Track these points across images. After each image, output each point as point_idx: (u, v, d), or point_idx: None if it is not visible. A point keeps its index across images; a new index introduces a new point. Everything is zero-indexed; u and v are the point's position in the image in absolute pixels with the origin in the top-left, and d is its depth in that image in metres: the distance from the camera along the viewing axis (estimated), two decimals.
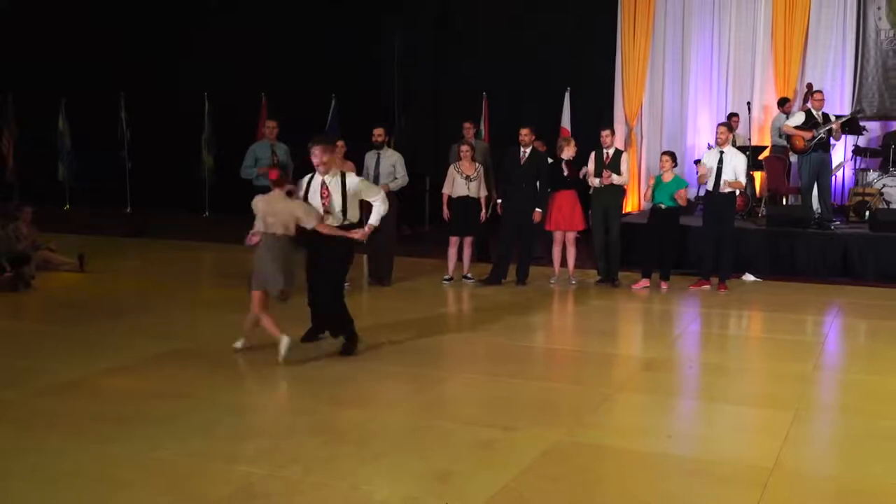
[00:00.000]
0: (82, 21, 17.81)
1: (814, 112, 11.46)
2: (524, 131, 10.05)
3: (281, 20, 16.24)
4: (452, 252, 10.21)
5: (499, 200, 10.29)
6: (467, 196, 10.06)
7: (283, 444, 4.98)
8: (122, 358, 6.81)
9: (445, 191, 10.19)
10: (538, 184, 10.05)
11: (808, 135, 11.32)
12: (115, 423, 5.29)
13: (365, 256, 9.98)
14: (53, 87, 17.76)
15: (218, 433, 5.14)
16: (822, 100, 11.62)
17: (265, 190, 9.88)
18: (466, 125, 11.50)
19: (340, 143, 9.75)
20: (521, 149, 10.07)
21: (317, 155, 6.81)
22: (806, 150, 11.37)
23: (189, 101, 16.92)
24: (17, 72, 18.04)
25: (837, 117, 11.62)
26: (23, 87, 18.00)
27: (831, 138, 11.51)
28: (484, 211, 10.18)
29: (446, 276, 10.24)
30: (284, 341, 6.62)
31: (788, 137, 11.71)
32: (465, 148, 10.12)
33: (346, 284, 9.63)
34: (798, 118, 11.58)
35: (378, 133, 9.80)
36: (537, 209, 9.98)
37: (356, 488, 4.38)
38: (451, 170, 10.16)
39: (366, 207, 7.14)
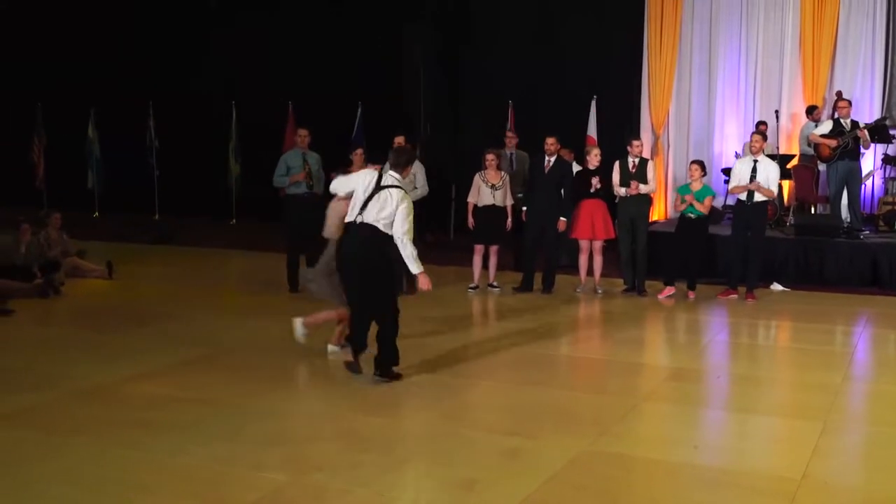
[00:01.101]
0: (113, 30, 17.97)
1: (841, 120, 11.36)
2: (550, 140, 10.06)
3: (307, 28, 16.29)
4: (477, 260, 10.20)
5: (524, 208, 10.28)
6: (493, 205, 10.05)
7: (307, 450, 4.99)
8: (148, 364, 6.85)
9: (471, 199, 10.19)
10: (563, 192, 10.03)
11: (833, 143, 11.22)
12: (139, 428, 5.32)
13: None
14: (83, 96, 17.92)
15: (243, 439, 5.16)
16: (848, 107, 11.50)
17: (297, 199, 9.97)
18: (508, 134, 11.49)
19: (359, 150, 9.78)
20: (546, 157, 10.08)
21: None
22: (832, 158, 11.27)
23: (217, 109, 17.02)
24: (46, 80, 18.23)
25: (866, 125, 11.52)
26: (52, 96, 18.18)
27: (860, 147, 11.40)
28: (510, 219, 10.17)
29: (472, 285, 10.22)
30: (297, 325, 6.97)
31: (816, 146, 11.62)
32: (490, 157, 10.12)
33: None
34: (825, 127, 11.49)
35: (398, 142, 9.80)
36: (562, 218, 9.97)
37: (380, 495, 4.38)
38: (477, 178, 10.16)
39: None
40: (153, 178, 17.87)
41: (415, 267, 6.40)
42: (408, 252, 6.35)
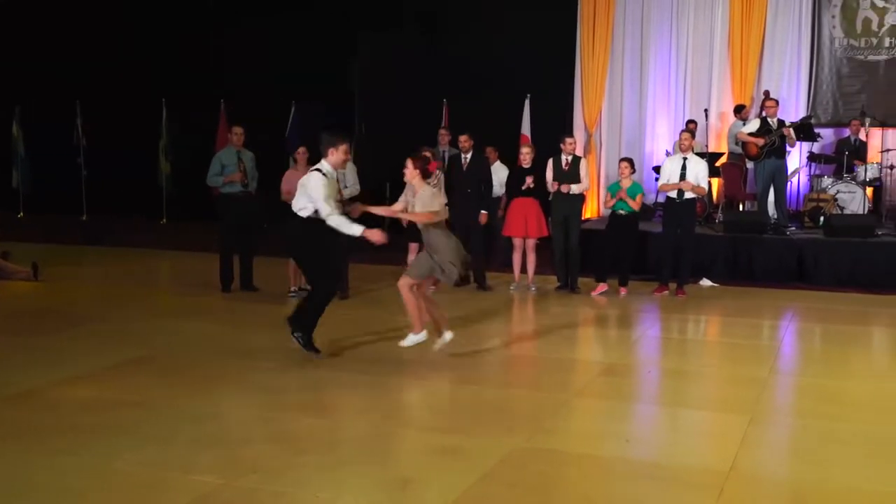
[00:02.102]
0: (38, 27, 17.60)
1: (768, 119, 11.61)
2: (463, 138, 10.32)
3: (238, 26, 16.13)
4: (412, 258, 10.21)
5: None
6: None
7: (242, 452, 4.94)
8: (79, 367, 6.73)
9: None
10: (482, 188, 10.15)
11: (761, 141, 11.47)
12: (70, 433, 5.23)
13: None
14: (7, 93, 17.51)
15: (176, 442, 5.09)
16: (775, 107, 11.77)
17: (232, 198, 9.85)
18: (442, 132, 11.52)
19: (302, 149, 9.74)
20: (462, 154, 10.20)
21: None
22: (759, 156, 11.52)
23: (146, 107, 16.76)
24: None
25: (791, 124, 11.79)
26: None
27: (787, 145, 11.67)
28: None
29: None
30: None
31: (744, 144, 11.86)
32: (425, 155, 10.11)
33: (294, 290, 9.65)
34: (753, 125, 11.75)
35: None
36: (483, 211, 10.06)
37: (316, 496, 4.36)
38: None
39: None
40: (81, 178, 17.54)
41: (354, 230, 6.71)
42: (335, 223, 6.70)
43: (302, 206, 6.83)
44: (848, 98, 13.61)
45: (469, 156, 10.27)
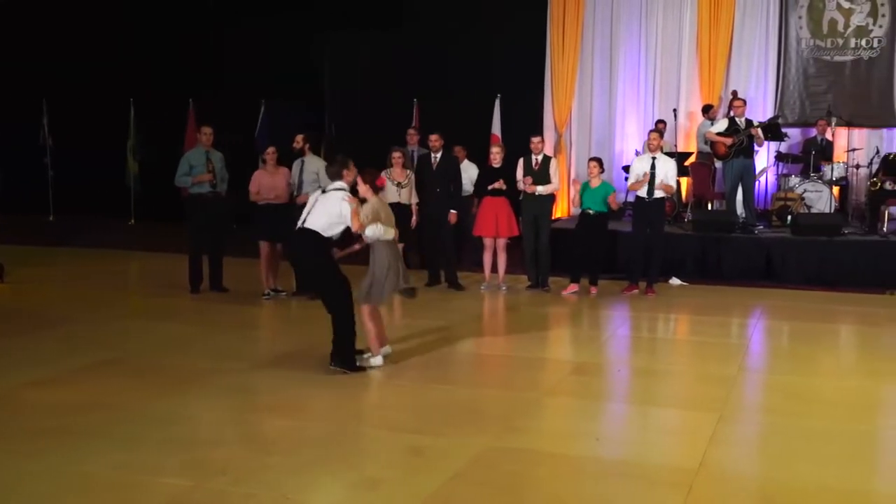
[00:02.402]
0: (4, 25, 17.39)
1: (736, 119, 11.70)
2: (433, 137, 10.35)
3: (207, 25, 16.04)
4: None
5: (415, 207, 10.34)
6: (398, 203, 10.06)
7: (211, 454, 4.91)
8: (46, 370, 6.65)
9: None
10: (452, 187, 10.18)
11: (729, 141, 11.55)
12: (36, 437, 5.17)
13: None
14: None
15: (144, 445, 5.05)
16: (743, 106, 11.86)
17: (201, 199, 9.77)
18: (410, 132, 11.50)
19: (271, 149, 9.70)
20: (433, 154, 10.22)
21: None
22: (728, 156, 11.61)
23: (114, 106, 16.62)
24: None
25: (759, 124, 11.89)
26: None
27: (754, 144, 11.77)
28: (415, 217, 10.20)
29: None
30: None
31: (712, 144, 11.94)
32: (397, 154, 10.13)
33: (282, 293, 9.62)
34: (721, 125, 11.83)
35: (297, 140, 9.73)
36: (452, 210, 10.07)
37: (286, 497, 4.34)
38: (383, 176, 10.13)
39: None
40: (47, 178, 17.37)
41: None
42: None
43: (324, 226, 6.63)
44: (815, 98, 13.74)
45: (439, 155, 10.29)
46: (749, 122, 11.68)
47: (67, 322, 8.44)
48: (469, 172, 10.80)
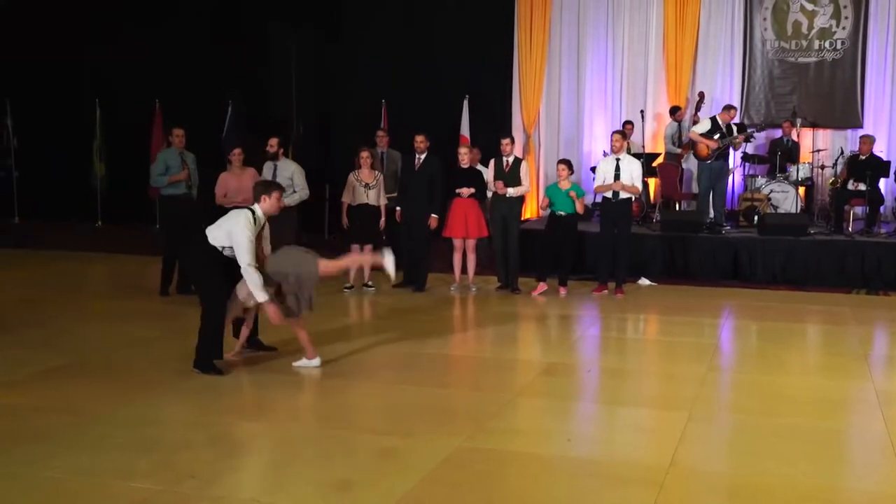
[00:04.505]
0: None
1: (719, 121, 11.79)
2: (419, 138, 10.20)
3: (174, 26, 15.89)
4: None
5: (398, 208, 10.31)
6: (366, 204, 10.03)
7: (180, 457, 4.85)
8: (8, 374, 6.55)
9: (345, 199, 10.15)
10: (433, 190, 10.11)
11: (713, 144, 11.63)
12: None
13: None
14: None
15: (110, 448, 4.99)
16: (733, 115, 12.02)
17: (174, 200, 9.68)
18: (380, 133, 11.46)
19: (237, 150, 9.61)
20: (416, 155, 10.17)
21: None
22: (708, 157, 11.69)
23: (79, 107, 16.44)
24: None
25: (740, 129, 12.02)
26: None
27: (732, 147, 11.90)
28: (383, 219, 10.17)
29: (347, 285, 10.19)
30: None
31: (694, 144, 12.00)
32: (364, 155, 10.09)
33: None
34: (704, 126, 11.91)
35: (272, 143, 9.64)
36: (433, 215, 10.05)
37: (256, 501, 4.30)
38: (351, 177, 10.12)
39: None
40: (12, 180, 17.15)
41: (260, 295, 6.39)
42: (248, 277, 6.35)
43: (220, 241, 6.46)
44: (780, 99, 13.87)
45: (423, 157, 10.20)
46: (730, 128, 11.78)
47: (30, 325, 8.33)
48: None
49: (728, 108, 12.12)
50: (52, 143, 16.63)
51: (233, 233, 6.38)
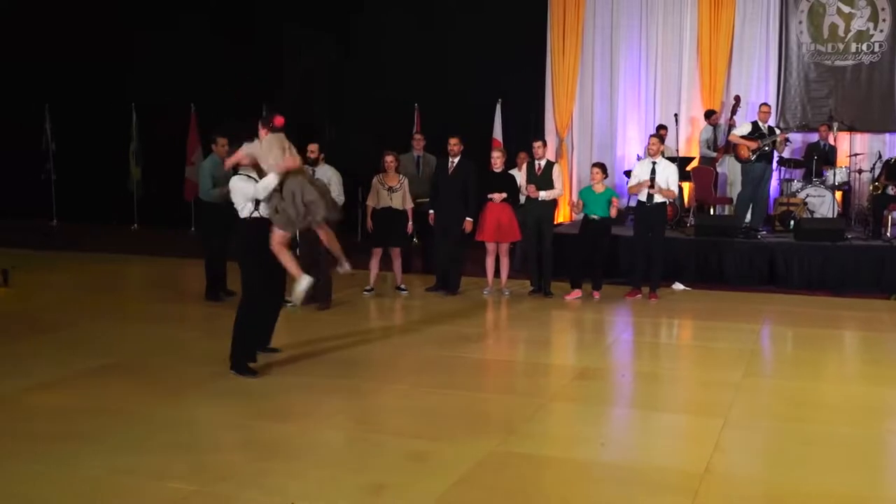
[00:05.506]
0: (5, 30, 17.40)
1: (760, 123, 11.71)
2: (453, 141, 10.16)
3: (208, 31, 16.02)
4: (374, 263, 10.22)
5: (430, 211, 10.32)
6: (390, 207, 10.04)
7: (214, 459, 4.90)
8: (49, 374, 6.64)
9: (370, 203, 10.15)
10: (467, 194, 10.10)
11: (754, 145, 11.54)
12: (40, 441, 5.16)
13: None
14: None
15: (146, 449, 5.04)
16: (769, 112, 11.90)
17: (222, 207, 9.72)
18: (417, 136, 11.46)
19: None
20: (450, 159, 10.16)
21: None
22: (749, 159, 11.60)
23: (116, 111, 16.63)
24: None
25: (781, 130, 11.92)
26: None
27: (773, 149, 11.80)
28: (410, 222, 10.17)
29: (367, 287, 10.19)
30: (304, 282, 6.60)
31: (734, 146, 11.92)
32: (390, 158, 10.10)
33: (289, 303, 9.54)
34: (745, 128, 11.81)
35: (311, 149, 9.62)
36: (468, 218, 10.05)
37: (291, 503, 4.33)
38: (375, 181, 10.14)
39: None
40: (50, 183, 17.40)
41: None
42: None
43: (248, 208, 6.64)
44: (816, 103, 13.73)
45: (457, 160, 10.19)
46: (771, 129, 11.70)
47: (70, 326, 8.43)
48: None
49: (762, 105, 12.02)
50: (89, 147, 16.83)
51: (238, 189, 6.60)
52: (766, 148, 11.55)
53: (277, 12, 15.65)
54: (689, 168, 13.19)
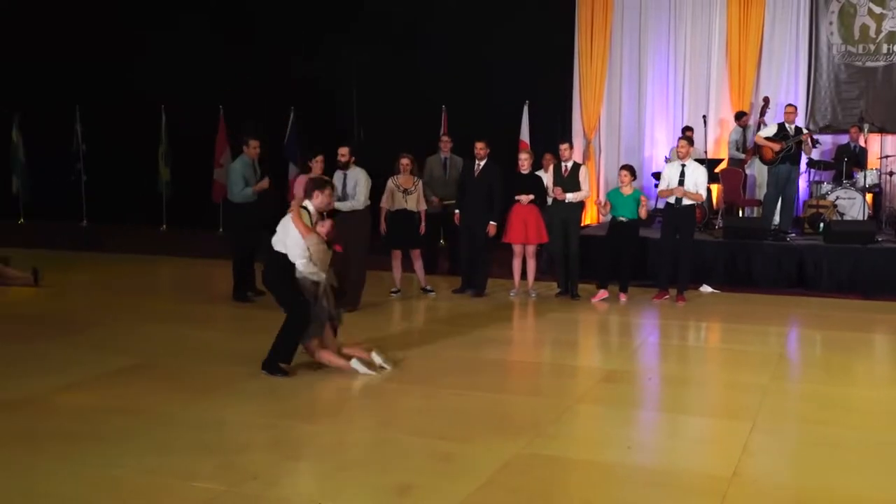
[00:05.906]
0: (37, 31, 17.59)
1: (786, 125, 11.63)
2: (479, 144, 10.16)
3: (237, 34, 16.12)
4: (395, 265, 10.23)
5: (456, 211, 10.33)
6: (404, 209, 10.04)
7: (242, 459, 4.93)
8: (78, 374, 6.71)
9: (384, 205, 10.14)
10: (493, 196, 10.09)
11: (777, 147, 11.46)
12: (69, 440, 5.21)
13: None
14: (6, 100, 17.52)
15: (175, 449, 5.08)
16: (794, 113, 11.81)
17: (246, 205, 9.80)
18: (444, 138, 11.48)
19: (320, 157, 9.73)
20: (476, 161, 10.16)
21: None
22: (774, 161, 11.53)
23: (145, 113, 16.76)
24: None
25: (808, 131, 11.83)
26: None
27: (802, 152, 11.70)
28: (423, 224, 10.16)
29: (393, 289, 10.21)
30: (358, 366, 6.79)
31: (759, 148, 11.86)
32: (405, 161, 10.10)
33: None
34: (770, 130, 11.75)
35: (342, 153, 9.62)
36: (492, 222, 10.04)
37: (318, 503, 4.34)
38: (390, 183, 10.14)
39: None
40: (80, 184, 17.57)
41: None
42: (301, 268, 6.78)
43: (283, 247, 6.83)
44: (846, 104, 13.62)
45: (483, 163, 10.19)
46: (798, 130, 11.61)
47: (99, 326, 8.52)
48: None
49: (788, 106, 11.95)
50: (119, 148, 16.97)
51: (288, 233, 6.76)
52: (791, 149, 11.47)
53: (311, 19, 15.70)
54: (717, 170, 13.12)
